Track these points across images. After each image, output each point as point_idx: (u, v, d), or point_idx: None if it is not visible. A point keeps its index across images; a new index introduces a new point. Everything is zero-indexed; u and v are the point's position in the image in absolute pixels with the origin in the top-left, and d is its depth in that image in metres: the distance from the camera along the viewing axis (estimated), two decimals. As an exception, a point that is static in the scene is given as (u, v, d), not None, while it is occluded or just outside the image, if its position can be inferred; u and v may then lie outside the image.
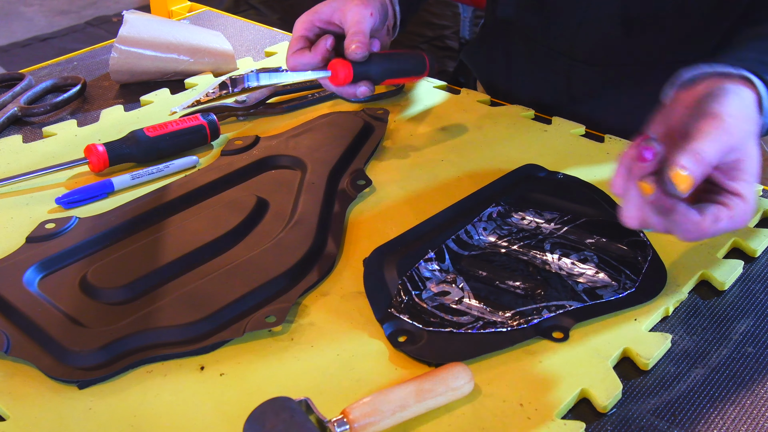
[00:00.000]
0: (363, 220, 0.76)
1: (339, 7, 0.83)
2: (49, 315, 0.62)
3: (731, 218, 0.59)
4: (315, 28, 0.85)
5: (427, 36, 2.83)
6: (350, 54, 0.81)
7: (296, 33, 0.85)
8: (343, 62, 0.81)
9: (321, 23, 0.85)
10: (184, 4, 1.36)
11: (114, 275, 0.67)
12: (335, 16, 0.84)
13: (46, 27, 3.44)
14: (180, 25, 1.08)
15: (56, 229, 0.72)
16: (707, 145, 0.57)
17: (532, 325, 0.62)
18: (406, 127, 0.91)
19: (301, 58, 0.83)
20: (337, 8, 0.83)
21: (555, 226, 0.72)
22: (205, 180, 0.79)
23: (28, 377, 0.59)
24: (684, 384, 0.59)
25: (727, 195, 0.60)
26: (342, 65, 0.81)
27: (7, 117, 0.93)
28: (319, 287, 0.67)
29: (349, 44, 0.81)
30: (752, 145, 0.60)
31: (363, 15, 0.82)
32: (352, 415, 0.52)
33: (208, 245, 0.70)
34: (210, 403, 0.57)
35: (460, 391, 0.56)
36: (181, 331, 0.61)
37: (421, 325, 0.62)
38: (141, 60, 1.01)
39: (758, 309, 0.66)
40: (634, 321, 0.63)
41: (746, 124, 0.60)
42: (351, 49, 0.81)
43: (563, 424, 0.55)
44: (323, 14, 0.84)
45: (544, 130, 0.90)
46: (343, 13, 0.83)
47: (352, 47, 0.81)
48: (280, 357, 0.61)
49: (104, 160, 0.82)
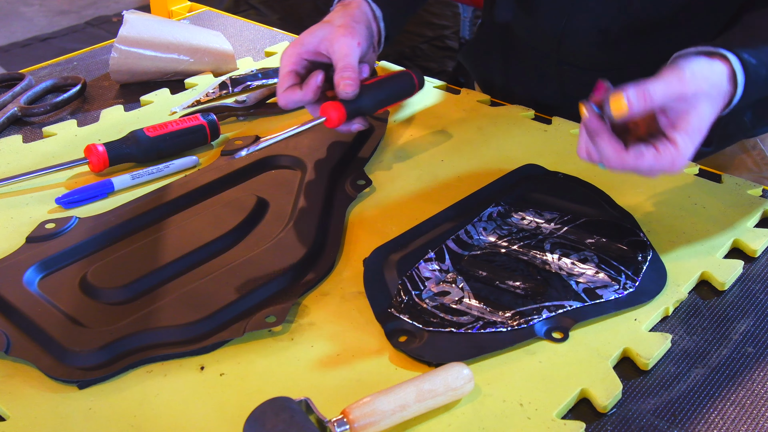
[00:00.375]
0: (363, 220, 0.76)
1: (325, 37, 0.81)
2: (49, 315, 0.62)
3: (656, 160, 0.64)
4: (303, 61, 0.82)
5: (427, 36, 2.83)
6: (341, 93, 0.79)
7: (285, 68, 0.82)
8: (334, 104, 0.79)
9: (309, 55, 0.82)
10: (184, 4, 1.36)
11: (114, 275, 0.67)
12: (322, 47, 0.81)
13: (46, 27, 3.44)
14: (180, 25, 1.08)
15: (56, 229, 0.72)
16: (656, 85, 0.63)
17: (532, 325, 0.62)
18: (406, 127, 0.91)
19: (293, 96, 0.80)
20: (324, 38, 0.81)
21: (555, 226, 0.72)
22: (205, 180, 0.79)
23: (28, 377, 0.59)
24: (684, 384, 0.59)
25: (663, 140, 0.64)
26: (334, 108, 0.78)
27: (7, 117, 0.93)
28: (319, 287, 0.67)
29: (339, 81, 0.79)
30: (706, 106, 0.65)
31: (350, 47, 0.80)
32: (352, 415, 0.52)
33: (208, 245, 0.70)
34: (210, 403, 0.57)
35: (460, 391, 0.56)
36: (181, 331, 0.61)
37: (421, 325, 0.62)
38: (141, 60, 1.01)
39: (758, 309, 0.66)
40: (634, 321, 0.63)
41: (705, 84, 0.65)
42: (341, 87, 0.79)
43: (563, 424, 0.55)
44: (309, 46, 0.81)
45: (544, 130, 0.90)
46: (330, 43, 0.80)
47: (342, 85, 0.78)
48: (280, 357, 0.61)
49: (104, 160, 0.82)
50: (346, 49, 0.80)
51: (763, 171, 0.96)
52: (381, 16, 0.87)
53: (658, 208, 0.76)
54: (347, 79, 0.79)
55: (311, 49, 0.82)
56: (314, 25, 0.83)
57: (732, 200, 0.77)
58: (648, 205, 0.76)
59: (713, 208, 0.76)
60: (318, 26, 0.82)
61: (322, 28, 0.82)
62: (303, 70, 0.82)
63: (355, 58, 0.80)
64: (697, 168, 0.82)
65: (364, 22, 0.84)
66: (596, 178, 0.80)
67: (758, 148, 0.94)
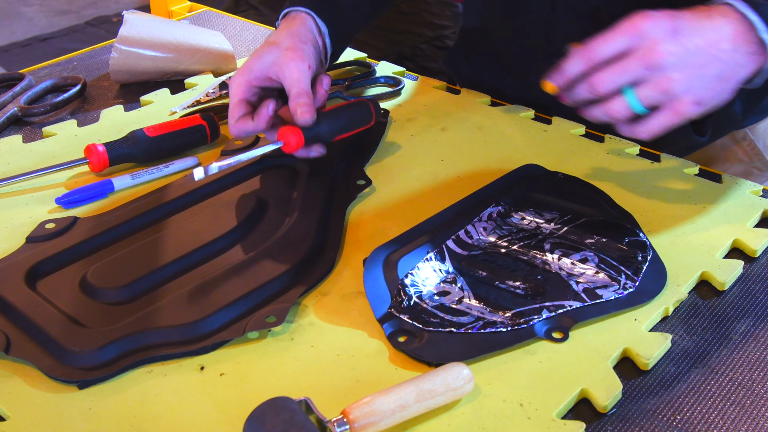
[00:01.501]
0: (363, 220, 0.76)
1: (274, 62, 0.78)
2: (49, 315, 0.62)
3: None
4: (253, 89, 0.79)
5: (427, 36, 2.83)
6: (298, 120, 0.76)
7: (234, 98, 0.79)
8: (292, 129, 0.76)
9: (258, 82, 0.79)
10: (184, 4, 1.36)
11: (114, 275, 0.67)
12: (271, 72, 0.78)
13: (46, 27, 3.44)
14: (180, 25, 1.08)
15: (56, 229, 0.72)
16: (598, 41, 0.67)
17: (531, 325, 0.62)
18: (406, 127, 0.91)
19: (244, 126, 0.78)
20: (273, 63, 0.78)
21: (555, 226, 0.72)
22: (205, 180, 0.79)
23: (28, 377, 0.59)
24: (684, 384, 0.59)
25: None
26: (292, 132, 0.76)
27: (7, 117, 0.93)
28: (319, 287, 0.67)
29: (295, 109, 0.76)
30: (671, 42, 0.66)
31: (301, 71, 0.77)
32: (352, 415, 0.52)
33: (208, 245, 0.70)
34: (210, 403, 0.57)
35: (460, 391, 0.56)
36: (181, 331, 0.61)
37: (421, 325, 0.62)
38: (141, 60, 1.01)
39: (758, 309, 0.66)
40: (634, 321, 0.63)
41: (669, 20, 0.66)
42: (298, 114, 0.76)
43: (563, 424, 0.55)
44: (258, 72, 0.79)
45: (544, 130, 0.90)
46: (279, 69, 0.78)
47: (299, 113, 0.76)
48: (280, 357, 0.61)
49: (104, 160, 0.82)
50: (297, 74, 0.77)
51: (754, 161, 0.96)
52: (327, 32, 0.85)
53: (658, 208, 0.76)
54: (303, 105, 0.76)
55: (260, 75, 0.79)
56: (260, 47, 0.80)
57: (732, 200, 0.77)
58: (648, 205, 0.76)
59: (713, 208, 0.76)
60: (264, 49, 0.80)
61: (269, 51, 0.79)
62: (254, 97, 0.80)
63: (307, 82, 0.78)
64: (697, 168, 0.82)
65: (310, 41, 0.82)
66: (596, 178, 0.80)
67: (748, 139, 0.95)
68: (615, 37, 0.67)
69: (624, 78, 0.67)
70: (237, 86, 0.79)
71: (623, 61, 0.67)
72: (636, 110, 0.67)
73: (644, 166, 0.83)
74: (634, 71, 0.66)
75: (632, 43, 0.67)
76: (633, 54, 0.67)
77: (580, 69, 0.69)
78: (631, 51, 0.67)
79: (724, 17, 0.67)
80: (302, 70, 0.77)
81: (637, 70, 0.66)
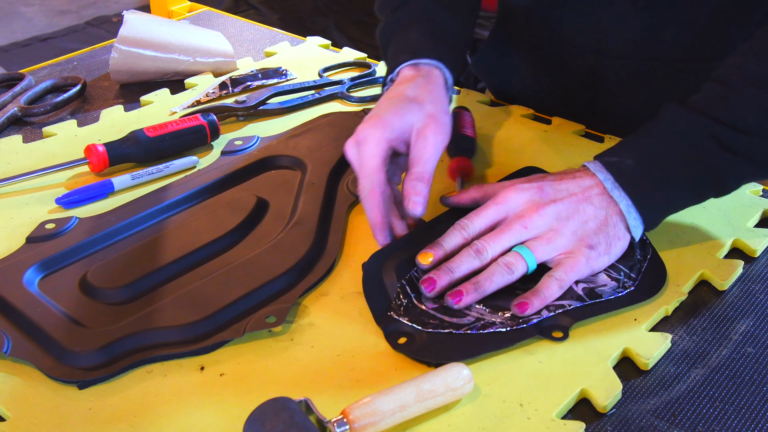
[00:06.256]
0: (363, 221, 0.76)
1: (415, 126, 0.68)
2: (49, 315, 0.62)
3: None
4: (390, 149, 0.68)
5: (427, 36, 2.82)
6: (407, 207, 0.66)
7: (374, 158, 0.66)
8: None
9: (395, 144, 0.68)
10: (184, 4, 1.36)
11: (114, 275, 0.67)
12: (408, 135, 0.68)
13: (46, 27, 3.44)
14: (180, 25, 1.08)
15: (56, 229, 0.72)
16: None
17: (531, 325, 0.62)
18: (406, 127, 0.91)
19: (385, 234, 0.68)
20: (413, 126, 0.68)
21: (555, 226, 0.72)
22: (205, 180, 0.79)
23: (28, 377, 0.59)
24: (684, 384, 0.59)
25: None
26: None
27: (7, 117, 0.93)
28: (319, 287, 0.67)
29: (408, 192, 0.66)
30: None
31: (437, 151, 0.68)
32: (352, 415, 0.52)
33: (208, 245, 0.70)
34: (210, 403, 0.57)
35: (460, 391, 0.56)
36: (181, 331, 0.61)
37: (420, 327, 0.62)
38: (141, 60, 1.01)
39: (758, 309, 0.66)
40: (634, 321, 0.63)
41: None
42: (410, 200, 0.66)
43: (563, 424, 0.55)
44: (398, 132, 0.68)
45: (544, 130, 0.90)
46: (417, 137, 0.68)
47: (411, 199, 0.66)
48: (280, 357, 0.61)
49: (104, 160, 0.82)
50: (429, 153, 0.67)
51: None
52: (451, 86, 0.77)
53: (658, 208, 0.76)
54: (418, 194, 0.66)
55: (400, 137, 0.68)
56: (396, 98, 0.70)
57: (732, 200, 0.77)
58: (648, 205, 0.76)
59: (713, 208, 0.76)
60: (405, 105, 0.69)
61: (412, 110, 0.69)
62: (386, 161, 0.68)
63: (434, 164, 0.68)
64: (697, 168, 0.82)
65: (448, 109, 0.73)
66: (596, 178, 0.80)
67: None
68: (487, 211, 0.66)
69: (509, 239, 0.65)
70: (376, 144, 0.67)
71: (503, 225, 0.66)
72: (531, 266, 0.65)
73: (644, 166, 0.82)
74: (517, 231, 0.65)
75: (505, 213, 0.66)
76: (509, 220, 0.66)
77: (458, 242, 0.66)
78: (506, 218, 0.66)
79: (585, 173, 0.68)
80: (438, 149, 0.68)
81: (519, 230, 0.65)
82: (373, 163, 0.66)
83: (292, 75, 1.02)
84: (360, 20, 3.03)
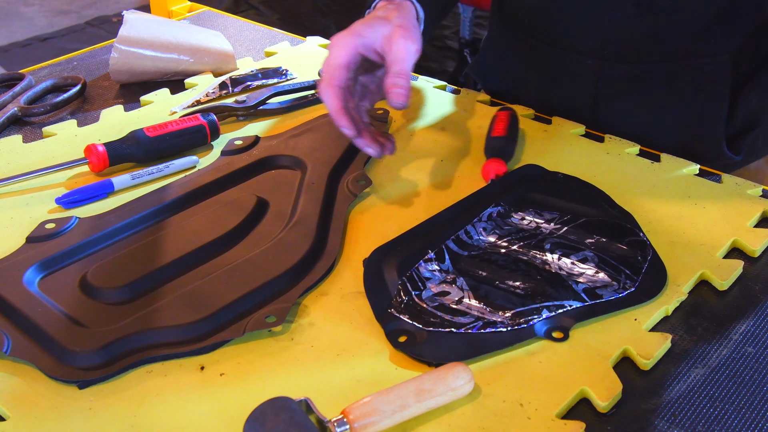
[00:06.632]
0: (363, 220, 0.76)
1: (386, 35, 0.75)
2: (49, 315, 0.62)
3: None
4: (357, 56, 0.75)
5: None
6: (391, 100, 0.73)
7: (337, 59, 0.74)
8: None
9: (364, 50, 0.75)
10: (184, 4, 1.36)
11: (114, 275, 0.67)
12: (378, 44, 0.75)
13: (46, 27, 3.44)
14: (180, 25, 1.08)
15: (56, 229, 0.72)
16: None
17: (532, 325, 0.62)
18: (406, 127, 0.91)
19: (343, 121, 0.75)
20: (384, 35, 0.75)
21: (555, 226, 0.72)
22: (205, 180, 0.79)
23: (28, 377, 0.59)
24: (684, 384, 0.59)
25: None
26: None
27: (7, 117, 0.93)
28: (319, 287, 0.67)
29: (390, 88, 0.73)
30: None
31: (409, 52, 0.74)
32: (352, 415, 0.52)
33: (208, 245, 0.70)
34: (210, 403, 0.57)
35: (460, 391, 0.56)
36: (181, 331, 0.61)
37: (421, 325, 0.62)
38: (141, 60, 1.01)
39: (758, 309, 0.66)
40: (634, 321, 0.63)
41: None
42: (392, 94, 0.72)
43: (563, 424, 0.55)
44: (368, 40, 0.75)
45: (544, 130, 0.90)
46: (388, 43, 0.75)
47: (393, 92, 0.72)
48: (280, 357, 0.61)
49: (104, 160, 0.82)
50: (404, 53, 0.74)
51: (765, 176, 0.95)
52: (423, 19, 0.82)
53: (658, 208, 0.76)
54: (400, 87, 0.73)
55: (369, 44, 0.75)
56: (368, 18, 0.78)
57: (732, 200, 0.77)
58: (648, 205, 0.76)
59: (713, 208, 0.76)
60: (375, 20, 0.77)
61: (381, 23, 0.76)
62: (353, 65, 0.76)
63: (411, 65, 0.75)
64: (697, 168, 0.82)
65: (417, 26, 0.79)
66: (596, 178, 0.80)
67: None
68: None
69: None
70: (343, 47, 0.74)
71: None
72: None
73: (644, 166, 0.83)
74: None
75: None
76: None
77: None
78: None
79: None
80: (410, 51, 0.75)
81: None
82: (336, 62, 0.74)
83: (292, 75, 1.02)
84: (360, 20, 3.03)
